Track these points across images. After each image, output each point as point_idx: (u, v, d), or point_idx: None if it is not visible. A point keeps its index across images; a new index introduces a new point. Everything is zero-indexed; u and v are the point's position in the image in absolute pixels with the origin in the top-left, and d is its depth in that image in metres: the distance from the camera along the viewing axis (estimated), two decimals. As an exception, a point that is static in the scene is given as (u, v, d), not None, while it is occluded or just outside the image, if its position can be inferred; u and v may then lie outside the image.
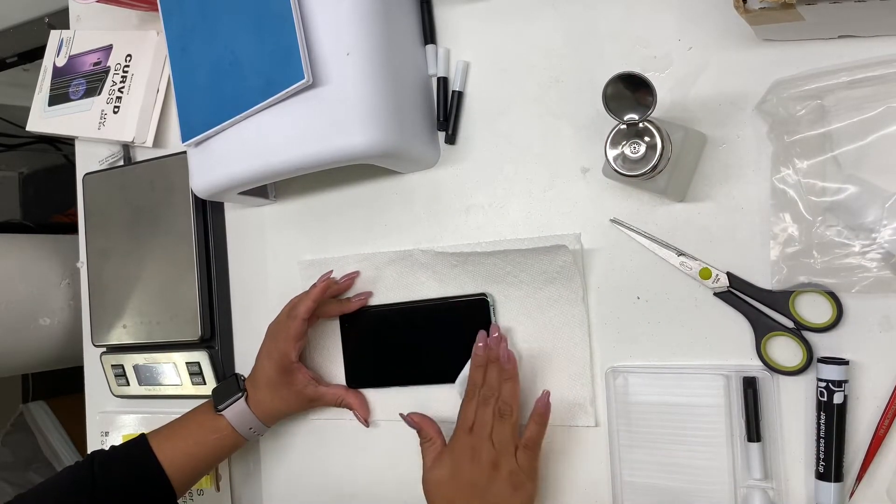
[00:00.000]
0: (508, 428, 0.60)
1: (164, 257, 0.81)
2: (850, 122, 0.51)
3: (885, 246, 0.50)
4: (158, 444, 0.68)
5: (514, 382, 0.62)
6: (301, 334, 0.68)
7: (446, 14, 0.68)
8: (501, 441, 0.60)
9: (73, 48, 0.92)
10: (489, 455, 0.59)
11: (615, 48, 0.61)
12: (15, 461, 1.68)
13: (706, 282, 0.57)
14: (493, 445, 0.59)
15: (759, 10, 0.47)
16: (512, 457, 0.59)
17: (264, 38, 0.60)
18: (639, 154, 0.51)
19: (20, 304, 1.15)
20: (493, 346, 0.63)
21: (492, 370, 0.62)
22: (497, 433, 0.60)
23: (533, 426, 0.60)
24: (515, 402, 0.61)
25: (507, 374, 0.62)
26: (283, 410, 0.72)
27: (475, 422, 0.61)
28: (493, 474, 0.58)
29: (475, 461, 0.59)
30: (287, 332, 0.68)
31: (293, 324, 0.68)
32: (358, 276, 0.71)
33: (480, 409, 0.61)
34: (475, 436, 0.60)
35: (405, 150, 0.63)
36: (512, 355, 0.62)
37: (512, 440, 0.60)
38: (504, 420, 0.60)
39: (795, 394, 0.54)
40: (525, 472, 0.59)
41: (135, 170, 0.85)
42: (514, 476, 0.59)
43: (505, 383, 0.61)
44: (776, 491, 0.55)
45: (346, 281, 0.72)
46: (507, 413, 0.60)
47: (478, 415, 0.61)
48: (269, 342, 0.70)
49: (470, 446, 0.60)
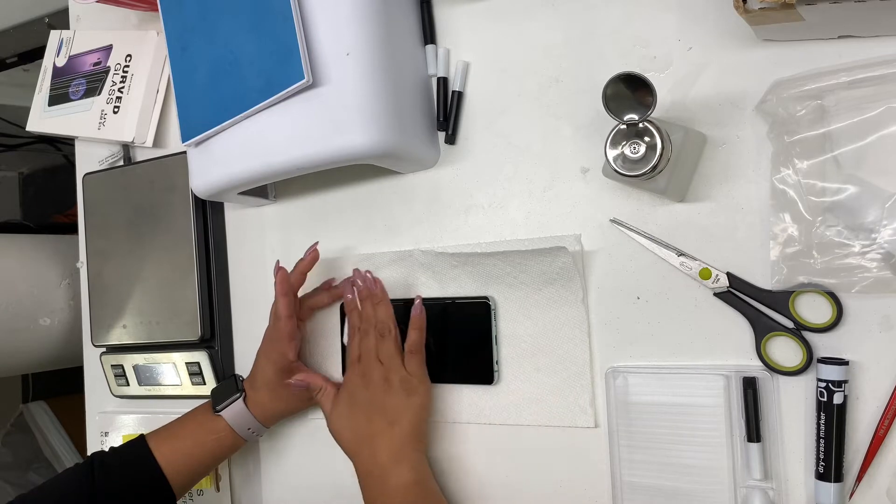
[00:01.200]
0: (391, 343, 0.64)
1: (164, 257, 0.81)
2: (850, 122, 0.50)
3: (885, 246, 0.50)
4: (157, 445, 0.68)
5: (386, 304, 0.66)
6: (293, 332, 0.68)
7: (446, 14, 0.68)
8: (387, 356, 0.64)
9: (73, 48, 0.92)
10: (379, 372, 0.64)
11: (615, 48, 0.61)
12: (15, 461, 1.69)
13: (706, 282, 0.57)
14: (380, 364, 0.64)
15: (759, 11, 0.47)
16: (400, 367, 0.64)
17: (264, 38, 0.60)
18: (639, 154, 0.51)
19: (20, 304, 1.15)
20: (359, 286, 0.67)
21: (365, 304, 0.67)
22: (381, 351, 0.64)
23: (412, 333, 0.64)
24: (391, 320, 0.65)
25: (377, 298, 0.66)
26: (283, 410, 0.72)
27: (361, 352, 0.66)
28: (386, 387, 0.63)
29: (367, 382, 0.64)
30: (279, 333, 0.68)
31: (280, 324, 0.68)
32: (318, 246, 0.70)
33: (363, 339, 0.66)
34: (363, 363, 0.65)
35: (405, 150, 0.63)
36: (376, 279, 0.68)
37: (397, 354, 0.64)
38: (385, 338, 0.64)
39: (795, 394, 0.54)
40: (416, 376, 0.64)
41: (135, 170, 0.85)
42: (405, 383, 0.63)
43: (377, 307, 0.66)
44: (776, 491, 0.55)
45: (310, 255, 0.70)
46: (387, 331, 0.65)
47: (362, 345, 0.66)
48: (266, 344, 0.70)
49: (360, 373, 0.65)
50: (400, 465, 0.61)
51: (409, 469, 0.61)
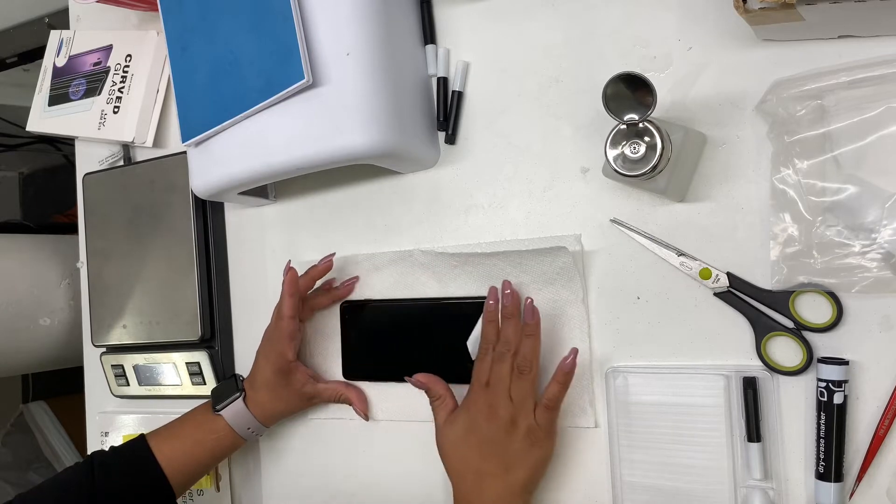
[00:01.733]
0: (527, 384, 0.58)
1: (164, 257, 0.81)
2: (850, 122, 0.50)
3: (885, 246, 0.50)
4: (157, 444, 0.68)
5: (536, 339, 0.59)
6: (294, 332, 0.68)
7: (446, 14, 0.68)
8: (520, 397, 0.58)
9: (73, 48, 0.92)
10: (507, 411, 0.57)
11: (615, 48, 0.61)
12: (15, 461, 1.68)
13: (706, 282, 0.57)
14: (510, 401, 0.58)
15: (759, 11, 0.47)
16: (531, 413, 0.58)
17: (264, 38, 0.60)
18: (639, 154, 0.51)
19: (20, 304, 1.15)
20: (506, 303, 0.61)
21: (507, 325, 0.60)
22: (515, 389, 0.58)
23: (555, 385, 0.58)
24: (535, 359, 0.59)
25: (529, 330, 0.59)
26: (282, 410, 0.72)
27: (490, 377, 0.59)
28: (512, 430, 0.57)
29: (492, 417, 0.58)
30: (280, 332, 0.68)
31: (282, 323, 0.68)
32: (334, 258, 0.70)
33: (496, 365, 0.59)
34: (492, 392, 0.59)
35: (405, 150, 0.63)
36: (536, 310, 0.60)
37: (531, 397, 0.58)
38: (523, 376, 0.58)
39: (795, 394, 0.54)
40: (544, 430, 0.58)
41: (135, 170, 0.85)
42: (532, 433, 0.57)
43: (526, 339, 0.59)
44: (776, 491, 0.55)
45: (324, 263, 0.70)
46: (527, 369, 0.58)
47: (493, 371, 0.59)
48: (265, 344, 0.70)
49: (487, 402, 0.58)
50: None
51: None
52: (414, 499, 0.70)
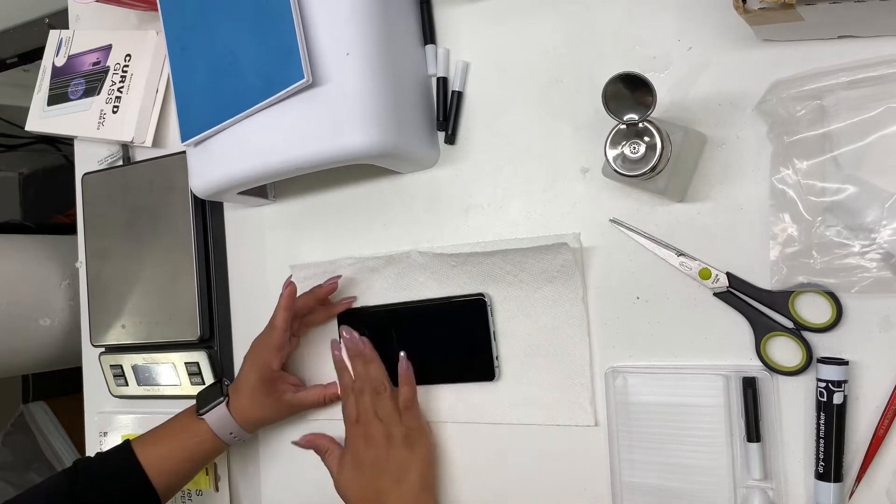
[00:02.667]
0: (387, 400, 0.65)
1: (164, 257, 0.81)
2: (850, 122, 0.50)
3: (885, 246, 0.50)
4: (141, 448, 0.68)
5: (377, 363, 0.67)
6: (282, 344, 0.69)
7: (446, 14, 0.68)
8: (385, 413, 0.64)
9: (73, 48, 0.92)
10: (379, 430, 0.64)
11: (615, 48, 0.61)
12: (15, 461, 1.68)
13: (706, 282, 0.57)
14: (380, 421, 0.64)
15: (759, 11, 0.47)
16: (399, 423, 0.64)
17: (264, 38, 0.60)
18: (638, 154, 0.51)
19: (20, 304, 1.15)
20: (348, 346, 0.68)
21: (355, 362, 0.67)
22: (379, 409, 0.65)
23: (404, 389, 0.65)
24: (384, 377, 0.66)
25: (367, 358, 0.67)
26: (263, 418, 0.72)
27: (358, 412, 0.66)
28: (389, 444, 0.63)
29: (369, 442, 0.64)
30: (269, 342, 0.68)
31: (273, 334, 0.68)
32: (339, 280, 0.71)
33: (358, 398, 0.66)
34: (363, 422, 0.65)
35: (405, 150, 0.63)
36: (364, 339, 0.68)
37: (395, 409, 0.64)
38: (381, 396, 0.65)
39: (795, 394, 0.54)
40: (416, 429, 0.64)
41: (134, 170, 0.85)
42: (407, 438, 0.63)
43: (368, 366, 0.66)
44: (776, 491, 0.55)
45: (329, 284, 0.71)
46: (382, 388, 0.65)
47: (358, 404, 0.66)
48: (253, 351, 0.71)
49: (362, 434, 0.65)
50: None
51: None
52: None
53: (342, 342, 0.69)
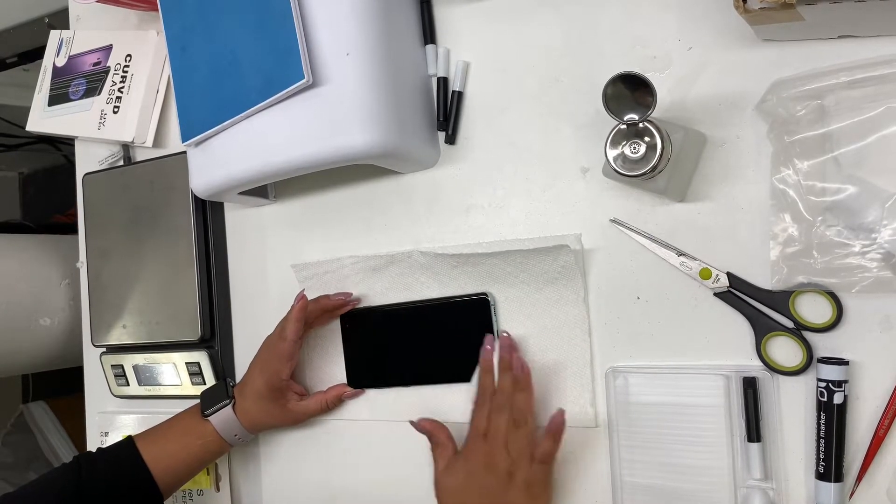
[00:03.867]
0: (524, 437, 0.59)
1: (164, 257, 0.81)
2: (850, 122, 0.50)
3: (885, 246, 0.50)
4: (145, 446, 0.68)
5: (529, 393, 0.60)
6: (292, 355, 0.69)
7: (446, 14, 0.68)
8: (517, 450, 0.58)
9: (73, 48, 0.92)
10: (505, 463, 0.58)
11: (615, 48, 0.61)
12: (15, 461, 1.68)
13: (706, 282, 0.57)
14: (508, 454, 0.58)
15: (759, 10, 0.47)
16: (528, 466, 0.58)
17: (264, 38, 0.60)
18: (639, 154, 0.51)
19: (20, 304, 1.15)
20: (503, 355, 0.62)
21: (505, 378, 0.61)
22: (512, 442, 0.58)
23: (548, 442, 0.58)
24: (531, 412, 0.60)
25: (522, 385, 0.60)
26: (268, 423, 0.72)
27: (489, 428, 0.60)
28: (509, 483, 0.57)
29: (490, 468, 0.58)
30: (280, 351, 0.68)
31: (284, 345, 0.68)
32: (350, 297, 0.71)
33: (494, 415, 0.60)
34: (490, 442, 0.59)
35: (405, 150, 0.63)
36: (526, 365, 0.61)
37: (528, 449, 0.58)
38: (520, 429, 0.59)
39: (795, 394, 0.54)
40: (541, 485, 0.58)
41: (135, 170, 0.85)
42: (530, 486, 0.57)
43: (519, 393, 0.60)
44: (776, 491, 0.55)
45: (337, 299, 0.71)
46: (523, 422, 0.59)
47: (491, 421, 0.60)
48: (263, 357, 0.71)
49: (485, 453, 0.59)
50: None
51: None
52: (415, 500, 0.70)
53: (499, 343, 0.63)
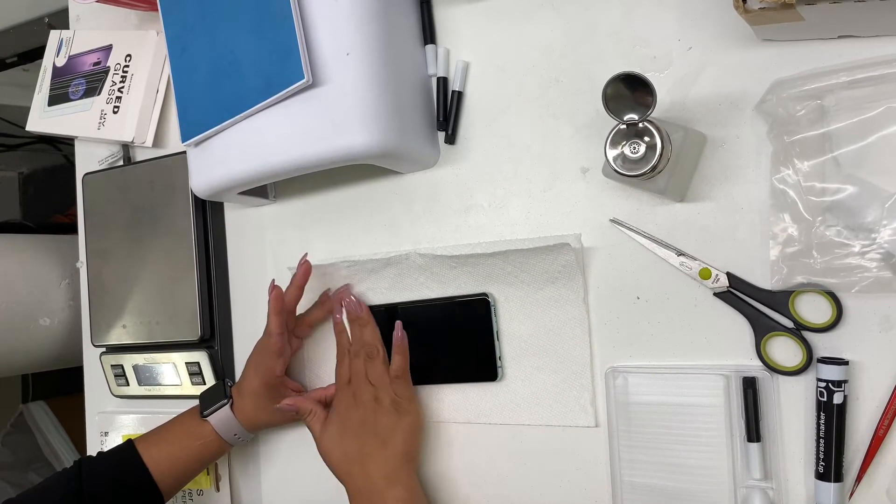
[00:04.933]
0: (379, 364, 0.65)
1: (164, 257, 0.81)
2: (850, 122, 0.50)
3: (885, 246, 0.50)
4: (145, 448, 0.68)
5: (372, 326, 0.67)
6: (282, 349, 0.68)
7: (446, 14, 0.68)
8: (376, 377, 0.64)
9: (73, 48, 0.92)
10: (369, 392, 0.64)
11: (615, 48, 0.61)
12: (15, 461, 1.68)
13: (706, 282, 0.57)
14: (370, 384, 0.64)
15: (759, 11, 0.47)
16: (389, 388, 0.64)
17: (264, 38, 0.60)
18: (638, 154, 0.51)
19: (20, 304, 1.15)
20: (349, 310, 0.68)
21: (353, 328, 0.68)
22: (371, 372, 0.65)
23: (396, 357, 0.65)
24: (378, 342, 0.66)
25: (362, 321, 0.67)
26: (266, 422, 0.72)
27: (351, 374, 0.66)
28: (377, 407, 0.63)
29: (358, 403, 0.64)
30: (268, 349, 0.68)
31: (270, 341, 0.68)
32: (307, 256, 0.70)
33: (353, 362, 0.66)
34: (353, 384, 0.65)
35: (405, 150, 0.63)
36: (361, 302, 0.68)
37: (385, 374, 0.65)
38: (374, 359, 0.65)
39: (795, 394, 0.54)
40: (405, 398, 0.64)
41: (134, 170, 0.85)
42: (396, 404, 0.63)
43: (363, 329, 0.67)
44: (776, 491, 0.55)
45: (302, 269, 0.69)
46: (375, 353, 0.65)
47: (352, 367, 0.66)
48: (255, 356, 0.71)
49: (350, 394, 0.65)
50: (394, 485, 0.61)
51: (404, 489, 0.61)
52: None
53: (343, 305, 0.69)
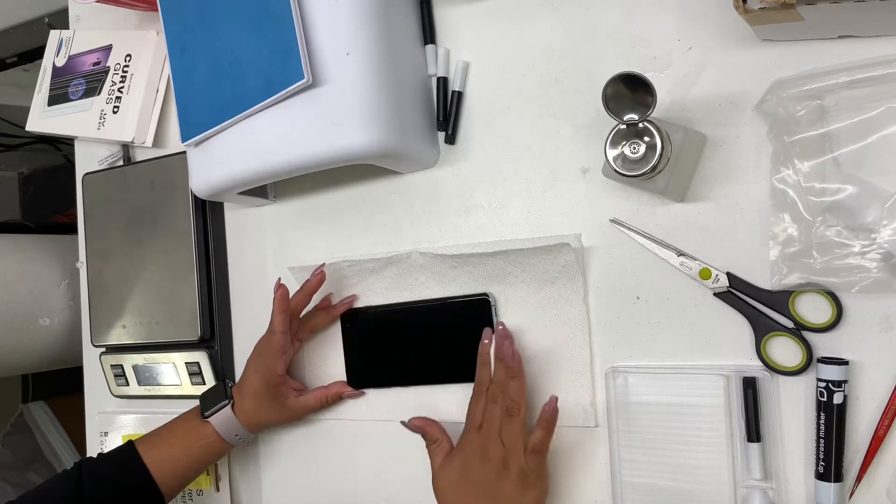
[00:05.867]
0: (517, 426, 0.59)
1: (164, 257, 0.81)
2: (850, 122, 0.50)
3: (885, 246, 0.50)
4: (146, 450, 0.68)
5: (520, 380, 0.60)
6: (285, 347, 0.68)
7: (446, 14, 0.68)
8: (510, 439, 0.58)
9: (73, 48, 0.92)
10: (498, 453, 0.58)
11: (615, 48, 0.61)
12: (15, 461, 1.68)
13: (706, 282, 0.57)
14: (502, 443, 0.58)
15: (759, 11, 0.47)
16: (521, 456, 0.58)
17: (264, 38, 0.60)
18: (638, 154, 0.51)
19: (20, 304, 1.15)
20: (498, 343, 0.62)
21: (499, 368, 0.61)
22: (506, 431, 0.59)
23: (540, 431, 0.58)
24: (523, 400, 0.60)
25: (513, 372, 0.60)
26: (267, 421, 0.72)
27: (484, 420, 0.60)
28: (503, 472, 0.58)
29: (485, 459, 0.58)
30: (271, 347, 0.68)
31: (273, 338, 0.68)
32: (326, 272, 0.70)
33: (489, 406, 0.60)
34: (484, 433, 0.59)
35: (405, 150, 0.63)
36: (517, 352, 0.61)
37: (521, 438, 0.59)
38: (512, 418, 0.59)
39: (795, 394, 0.54)
40: (535, 473, 0.58)
41: (134, 170, 0.85)
42: (523, 475, 0.58)
43: (511, 381, 0.60)
44: (776, 491, 0.55)
45: (316, 277, 0.69)
46: (515, 411, 0.59)
47: (486, 413, 0.60)
48: (256, 355, 0.71)
49: (479, 444, 0.59)
50: None
51: None
52: (415, 500, 0.70)
53: (495, 334, 0.63)
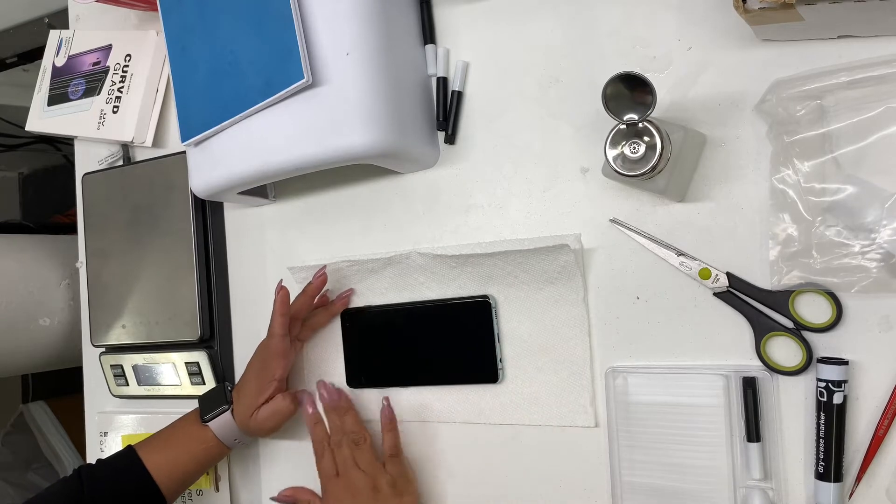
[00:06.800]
0: (367, 450, 0.64)
1: (164, 257, 0.81)
2: (850, 122, 0.50)
3: (885, 246, 0.50)
4: (146, 454, 0.69)
5: (352, 412, 0.67)
6: (286, 351, 0.68)
7: (446, 14, 0.68)
8: (367, 463, 0.63)
9: (73, 48, 0.92)
10: (363, 481, 0.62)
11: (615, 48, 0.61)
12: (15, 461, 1.68)
13: (706, 282, 0.57)
14: (363, 472, 0.63)
15: (759, 11, 0.47)
16: (383, 471, 0.63)
17: (264, 38, 0.60)
18: (638, 154, 0.51)
19: (20, 304, 1.15)
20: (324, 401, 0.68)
21: (331, 416, 0.67)
22: (360, 459, 0.64)
23: (387, 435, 0.64)
24: (361, 428, 0.66)
25: (343, 409, 0.66)
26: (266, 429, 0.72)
27: (338, 465, 0.65)
28: (376, 494, 0.62)
29: (355, 494, 0.62)
30: (271, 351, 0.68)
31: (273, 342, 0.68)
32: (326, 271, 0.71)
33: (336, 452, 0.65)
34: (343, 476, 0.64)
35: (405, 150, 0.63)
36: (336, 388, 0.68)
37: (375, 458, 0.64)
38: (360, 446, 0.64)
39: (795, 394, 0.54)
40: (402, 476, 0.64)
41: (134, 170, 0.85)
42: (393, 484, 0.63)
43: (344, 417, 0.66)
44: (776, 491, 0.55)
45: (318, 279, 0.70)
46: (361, 440, 0.64)
47: (337, 458, 0.65)
48: (257, 359, 0.71)
49: (343, 486, 0.63)
50: None
51: None
52: (413, 499, 0.70)
53: (317, 398, 0.69)
